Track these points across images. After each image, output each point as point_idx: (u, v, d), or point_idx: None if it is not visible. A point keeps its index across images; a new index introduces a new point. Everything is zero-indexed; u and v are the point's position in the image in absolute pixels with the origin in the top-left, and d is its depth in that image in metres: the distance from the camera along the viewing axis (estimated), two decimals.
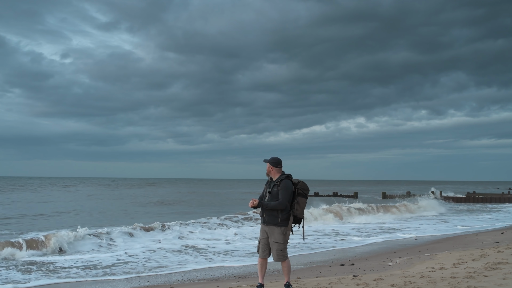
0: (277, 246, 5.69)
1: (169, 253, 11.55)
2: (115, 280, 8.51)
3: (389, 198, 48.47)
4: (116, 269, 9.48)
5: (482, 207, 34.03)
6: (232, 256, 11.14)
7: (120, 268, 9.63)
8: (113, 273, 9.06)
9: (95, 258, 10.80)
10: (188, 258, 10.82)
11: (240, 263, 10.09)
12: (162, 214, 24.79)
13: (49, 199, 40.82)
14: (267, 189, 5.82)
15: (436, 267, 7.65)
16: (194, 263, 10.23)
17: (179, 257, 11.03)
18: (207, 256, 11.09)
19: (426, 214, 26.38)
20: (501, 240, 12.51)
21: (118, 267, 9.74)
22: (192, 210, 29.30)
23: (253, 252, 11.55)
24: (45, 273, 9.12)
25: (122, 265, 9.91)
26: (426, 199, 34.01)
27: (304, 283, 6.62)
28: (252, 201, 5.69)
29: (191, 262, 10.28)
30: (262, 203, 5.70)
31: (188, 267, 9.69)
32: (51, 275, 8.88)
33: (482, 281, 6.16)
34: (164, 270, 9.40)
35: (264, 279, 6.22)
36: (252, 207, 5.67)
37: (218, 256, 11.11)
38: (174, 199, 44.49)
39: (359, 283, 6.39)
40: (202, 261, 10.49)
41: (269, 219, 5.73)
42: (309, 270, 8.72)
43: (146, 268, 9.55)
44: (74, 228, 13.38)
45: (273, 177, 5.87)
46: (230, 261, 10.37)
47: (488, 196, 47.94)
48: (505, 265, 7.37)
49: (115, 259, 10.68)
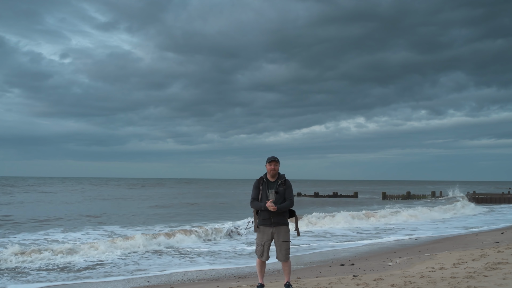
0: (285, 245, 5.75)
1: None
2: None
3: (389, 198, 48.45)
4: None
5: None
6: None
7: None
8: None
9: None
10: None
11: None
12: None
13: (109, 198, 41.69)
14: (269, 190, 5.77)
15: (436, 267, 7.65)
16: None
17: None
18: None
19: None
20: (501, 240, 12.51)
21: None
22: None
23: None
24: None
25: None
26: (459, 201, 33.32)
27: (304, 283, 6.62)
28: (269, 204, 5.64)
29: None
30: (279, 208, 5.66)
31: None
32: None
33: (482, 281, 6.16)
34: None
35: (264, 279, 6.22)
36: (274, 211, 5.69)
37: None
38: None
39: (359, 283, 6.39)
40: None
41: (278, 219, 5.73)
42: (309, 270, 8.72)
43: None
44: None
45: (273, 177, 5.86)
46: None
47: (488, 196, 47.97)
48: (505, 265, 7.37)
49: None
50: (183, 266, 10.00)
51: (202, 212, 28.39)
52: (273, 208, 5.60)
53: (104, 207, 31.74)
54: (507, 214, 26.65)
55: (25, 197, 42.90)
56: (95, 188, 70.92)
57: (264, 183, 5.83)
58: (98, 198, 43.65)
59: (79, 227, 17.90)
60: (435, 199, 44.65)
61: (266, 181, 5.85)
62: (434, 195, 46.64)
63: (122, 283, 8.24)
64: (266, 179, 5.86)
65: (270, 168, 5.81)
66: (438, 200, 42.36)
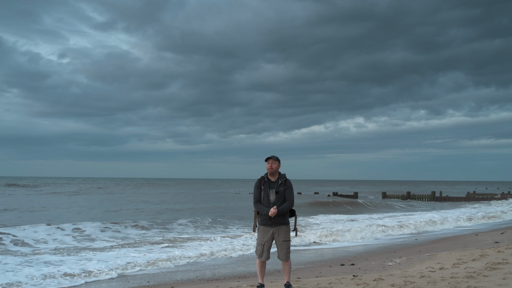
0: (286, 244, 5.76)
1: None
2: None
3: (389, 198, 48.49)
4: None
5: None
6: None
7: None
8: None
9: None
10: None
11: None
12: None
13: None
14: (269, 190, 5.76)
15: (436, 267, 7.65)
16: None
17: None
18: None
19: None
20: (501, 240, 12.50)
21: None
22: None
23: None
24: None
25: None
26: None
27: (304, 283, 6.61)
28: (273, 211, 5.64)
29: None
30: (279, 210, 5.66)
31: None
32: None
33: (482, 281, 6.16)
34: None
35: (264, 279, 6.22)
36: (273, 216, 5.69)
37: None
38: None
39: (359, 283, 6.38)
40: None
41: (279, 219, 5.74)
42: (309, 270, 8.72)
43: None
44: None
45: (274, 176, 5.86)
46: None
47: (488, 196, 47.98)
48: (505, 265, 7.37)
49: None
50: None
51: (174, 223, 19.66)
52: (272, 213, 5.63)
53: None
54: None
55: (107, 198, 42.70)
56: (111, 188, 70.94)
57: (265, 183, 5.83)
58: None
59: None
60: (505, 198, 43.19)
61: (267, 180, 5.84)
62: (434, 195, 46.61)
63: (122, 283, 8.24)
64: (267, 179, 5.85)
65: (268, 167, 5.83)
66: (507, 199, 41.23)
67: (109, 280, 8.53)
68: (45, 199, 39.53)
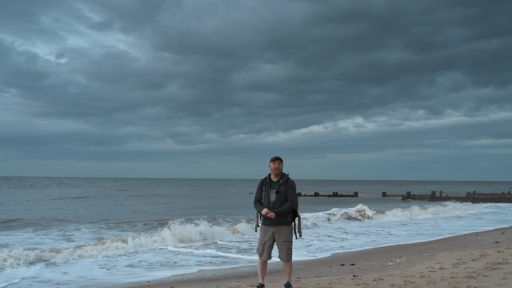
0: (287, 245, 5.72)
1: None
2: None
3: (389, 197, 48.51)
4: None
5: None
6: None
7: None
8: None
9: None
10: None
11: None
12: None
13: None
14: (270, 189, 5.76)
15: (436, 267, 7.65)
16: None
17: None
18: None
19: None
20: (501, 240, 12.51)
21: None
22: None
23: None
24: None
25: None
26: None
27: (304, 283, 6.61)
28: (265, 211, 5.62)
29: None
30: (277, 212, 5.62)
31: None
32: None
33: (482, 281, 6.16)
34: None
35: (264, 279, 6.22)
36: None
37: None
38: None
39: (359, 283, 6.38)
40: None
41: (279, 219, 5.70)
42: (309, 270, 8.72)
43: None
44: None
45: (277, 176, 5.84)
46: None
47: (488, 196, 47.96)
48: (505, 265, 7.37)
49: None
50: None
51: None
52: (271, 215, 5.60)
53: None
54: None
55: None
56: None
57: (267, 183, 5.83)
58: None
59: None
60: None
61: (269, 181, 5.84)
62: (434, 195, 46.63)
63: (122, 283, 8.24)
64: (269, 179, 5.85)
65: (274, 167, 5.79)
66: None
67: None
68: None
